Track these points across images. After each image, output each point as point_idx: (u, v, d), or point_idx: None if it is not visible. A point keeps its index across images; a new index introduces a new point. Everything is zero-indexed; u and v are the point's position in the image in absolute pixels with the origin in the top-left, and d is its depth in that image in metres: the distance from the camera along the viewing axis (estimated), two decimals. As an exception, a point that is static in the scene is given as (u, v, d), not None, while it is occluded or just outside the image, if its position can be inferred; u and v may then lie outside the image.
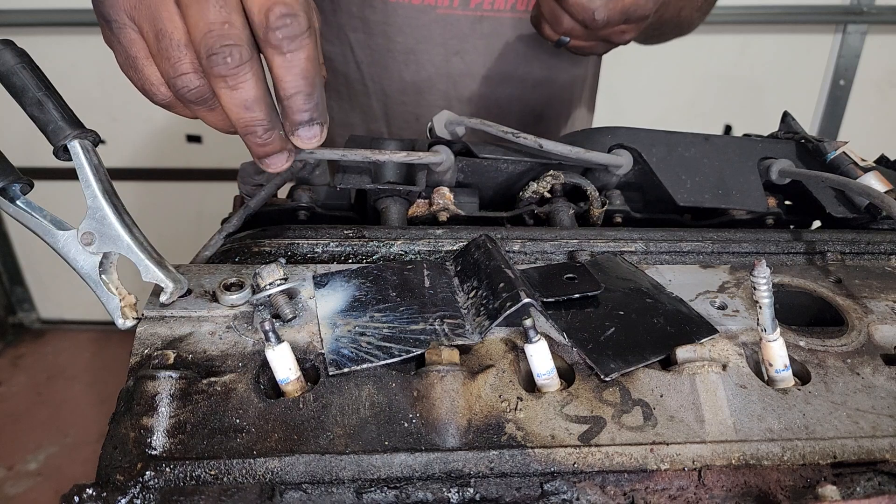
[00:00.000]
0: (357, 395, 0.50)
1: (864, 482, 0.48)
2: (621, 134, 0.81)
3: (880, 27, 2.55)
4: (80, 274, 0.53)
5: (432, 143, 0.78)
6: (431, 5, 1.04)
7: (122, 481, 0.44)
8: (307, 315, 0.56)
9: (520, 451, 0.47)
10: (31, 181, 0.53)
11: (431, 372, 0.50)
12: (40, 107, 0.49)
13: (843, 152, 0.79)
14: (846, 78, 2.62)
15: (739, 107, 2.68)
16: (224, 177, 2.71)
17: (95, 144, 0.52)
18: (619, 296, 0.60)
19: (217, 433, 0.47)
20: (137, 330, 0.54)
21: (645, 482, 0.47)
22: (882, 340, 0.58)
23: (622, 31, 0.86)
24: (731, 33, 2.57)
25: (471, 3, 1.05)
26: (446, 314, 0.56)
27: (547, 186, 0.78)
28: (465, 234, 0.68)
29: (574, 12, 0.81)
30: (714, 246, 0.70)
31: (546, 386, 0.52)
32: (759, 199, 0.79)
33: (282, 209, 0.78)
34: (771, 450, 0.49)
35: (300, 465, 0.46)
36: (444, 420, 0.48)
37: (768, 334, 0.52)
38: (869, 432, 0.50)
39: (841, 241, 0.72)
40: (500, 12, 1.07)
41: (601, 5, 0.80)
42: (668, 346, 0.55)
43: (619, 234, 0.70)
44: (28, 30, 2.48)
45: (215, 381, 0.50)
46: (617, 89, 2.50)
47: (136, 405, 0.48)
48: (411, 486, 0.46)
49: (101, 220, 0.51)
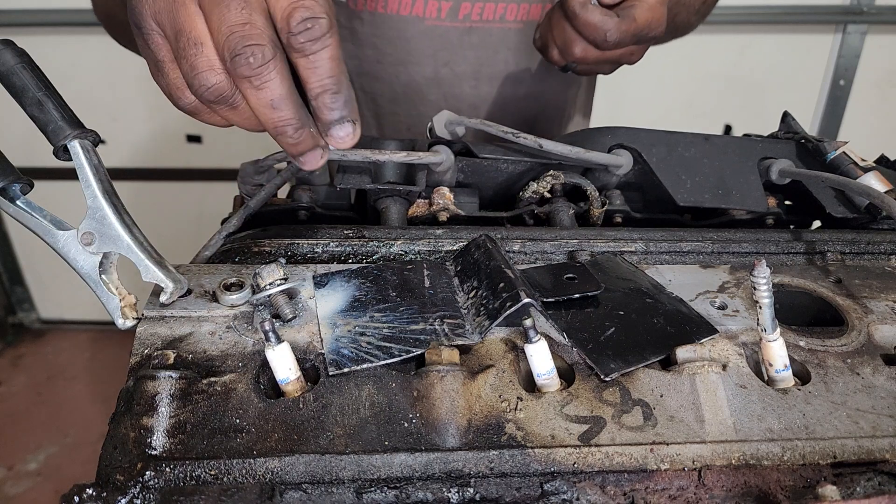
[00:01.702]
0: (357, 395, 0.50)
1: (864, 482, 0.48)
2: (621, 134, 0.81)
3: (880, 27, 2.55)
4: (80, 274, 0.53)
5: (432, 143, 0.78)
6: (420, 17, 1.04)
7: (122, 481, 0.44)
8: (307, 315, 0.56)
9: (520, 451, 0.47)
10: (31, 181, 0.53)
11: (431, 372, 0.50)
12: (40, 107, 0.49)
13: (843, 152, 0.79)
14: (846, 78, 2.62)
15: (739, 107, 2.68)
16: (224, 177, 2.71)
17: (95, 144, 0.52)
18: (619, 296, 0.60)
19: (217, 433, 0.47)
20: (137, 330, 0.54)
21: (645, 482, 0.47)
22: (882, 340, 0.58)
23: (631, 53, 0.85)
24: (732, 33, 2.57)
25: (459, 14, 1.04)
26: (446, 314, 0.56)
27: (547, 186, 0.78)
28: (465, 234, 0.68)
29: (586, 33, 0.79)
30: (714, 246, 0.70)
31: (546, 386, 0.52)
32: (759, 199, 0.79)
33: (282, 209, 0.78)
34: (771, 450, 0.49)
35: (300, 465, 0.46)
36: (444, 420, 0.48)
37: (768, 334, 0.52)
38: (869, 432, 0.50)
39: (841, 241, 0.72)
40: (490, 23, 1.06)
41: (614, 27, 0.78)
42: (668, 346, 0.55)
43: (619, 234, 0.70)
44: (28, 30, 2.48)
45: (215, 381, 0.50)
46: (617, 89, 2.50)
47: (136, 405, 0.48)
48: (411, 486, 0.46)
49: (101, 220, 0.51)
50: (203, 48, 0.48)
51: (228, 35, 0.46)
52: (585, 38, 0.81)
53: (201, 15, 0.47)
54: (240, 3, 0.46)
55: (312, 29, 0.46)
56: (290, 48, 0.47)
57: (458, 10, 1.04)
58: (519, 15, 1.06)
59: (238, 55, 0.46)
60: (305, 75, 0.48)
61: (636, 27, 0.78)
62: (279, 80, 0.47)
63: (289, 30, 0.46)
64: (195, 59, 0.48)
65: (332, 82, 0.48)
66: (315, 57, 0.47)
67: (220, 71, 0.48)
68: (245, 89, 0.48)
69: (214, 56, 0.48)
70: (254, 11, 0.46)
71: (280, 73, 0.47)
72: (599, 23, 0.78)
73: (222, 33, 0.46)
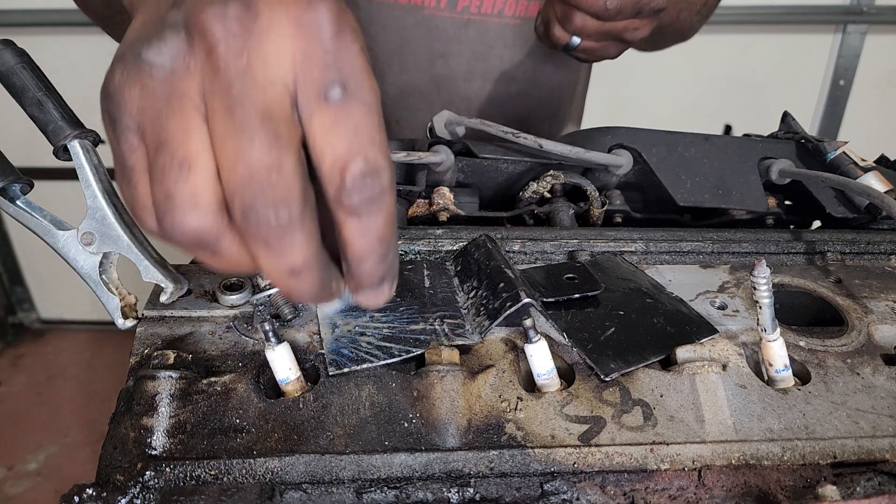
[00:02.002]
0: (357, 395, 0.50)
1: (864, 482, 0.48)
2: (621, 134, 0.80)
3: (880, 27, 2.55)
4: (80, 274, 0.53)
5: (432, 142, 0.78)
6: (418, 6, 1.03)
7: (122, 481, 0.44)
8: (307, 315, 0.56)
9: (520, 451, 0.47)
10: (31, 181, 0.53)
11: (431, 372, 0.50)
12: (40, 107, 0.49)
13: (843, 152, 0.79)
14: (846, 78, 2.62)
15: (740, 107, 2.68)
16: (224, 177, 2.71)
17: (95, 144, 0.52)
18: (619, 296, 0.60)
19: (217, 433, 0.47)
20: (137, 330, 0.54)
21: (645, 482, 0.47)
22: (882, 340, 0.58)
23: (634, 27, 0.84)
24: (732, 33, 2.57)
25: (458, 6, 1.04)
26: (446, 314, 0.56)
27: (547, 186, 0.78)
28: (465, 234, 0.68)
29: (586, 4, 0.79)
30: (714, 246, 0.70)
31: (546, 386, 0.52)
32: (759, 199, 0.79)
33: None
34: (771, 450, 0.49)
35: (300, 465, 0.46)
36: (444, 420, 0.48)
37: (768, 334, 0.52)
38: (869, 432, 0.50)
39: (841, 241, 0.72)
40: (487, 17, 1.06)
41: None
42: (668, 346, 0.55)
43: (619, 234, 0.70)
44: (28, 30, 2.48)
45: (215, 381, 0.50)
46: (617, 89, 2.51)
47: (136, 405, 0.48)
48: (411, 486, 0.46)
49: (101, 220, 0.51)
50: (190, 174, 0.34)
51: (245, 181, 0.33)
52: (585, 10, 0.80)
53: (204, 130, 0.34)
54: (269, 135, 0.33)
55: (372, 187, 0.34)
56: (339, 205, 0.35)
57: (456, 2, 1.03)
58: (517, 10, 1.05)
59: (253, 211, 0.33)
60: (350, 237, 0.36)
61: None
62: (305, 243, 0.35)
63: (341, 185, 0.34)
64: (174, 186, 0.34)
65: (381, 246, 0.37)
66: (368, 220, 0.35)
67: (208, 212, 0.34)
68: (254, 248, 0.35)
69: (205, 188, 0.34)
70: (285, 150, 0.33)
71: (308, 233, 0.35)
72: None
73: (235, 173, 0.33)
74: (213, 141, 0.34)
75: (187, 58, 0.34)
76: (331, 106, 0.34)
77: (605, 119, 0.88)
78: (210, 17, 0.33)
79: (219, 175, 0.34)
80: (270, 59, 0.34)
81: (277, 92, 0.34)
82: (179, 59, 0.34)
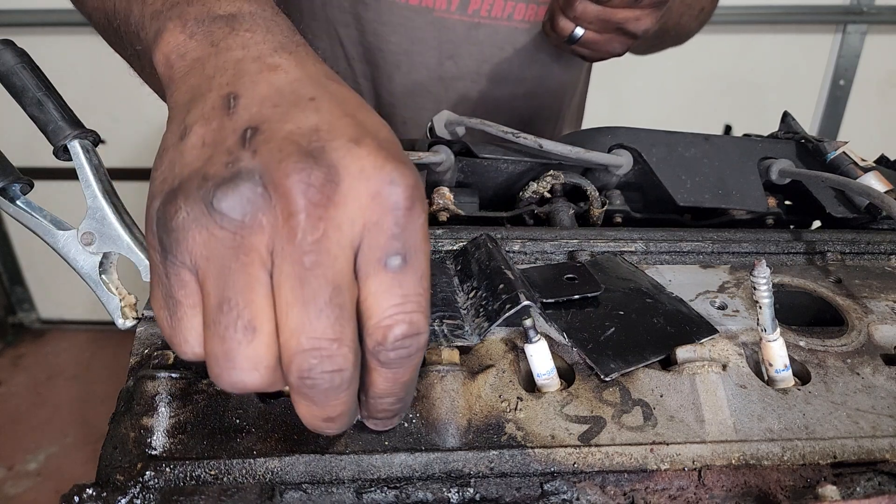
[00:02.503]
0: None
1: (864, 482, 0.48)
2: (621, 134, 0.80)
3: (880, 27, 2.55)
4: (80, 274, 0.53)
5: (432, 142, 0.78)
6: (428, 7, 1.04)
7: (122, 481, 0.44)
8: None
9: (520, 451, 0.47)
10: (31, 181, 0.53)
11: (431, 372, 0.50)
12: (40, 107, 0.49)
13: (843, 152, 0.79)
14: (846, 78, 2.62)
15: (739, 107, 2.68)
16: (224, 177, 2.71)
17: (95, 144, 0.52)
18: (619, 296, 0.60)
19: (217, 433, 0.47)
20: (137, 330, 0.54)
21: (645, 482, 0.47)
22: (882, 340, 0.58)
23: (636, 18, 0.84)
24: (732, 33, 2.57)
25: (468, 9, 1.04)
26: (446, 315, 0.56)
27: (547, 186, 0.78)
28: (465, 234, 0.68)
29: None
30: (714, 246, 0.70)
31: (546, 386, 0.52)
32: (759, 199, 0.79)
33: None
34: (771, 450, 0.49)
35: (300, 465, 0.46)
36: (444, 420, 0.48)
37: (768, 334, 0.52)
38: (869, 432, 0.50)
39: (841, 241, 0.72)
40: (497, 20, 1.06)
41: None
42: (668, 346, 0.55)
43: (619, 234, 0.70)
44: (28, 30, 2.48)
45: (215, 381, 0.50)
46: (617, 89, 2.51)
47: (136, 405, 0.48)
48: (411, 486, 0.46)
49: (101, 220, 0.51)
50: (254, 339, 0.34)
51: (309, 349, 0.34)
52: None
53: (268, 288, 0.34)
54: (336, 308, 0.34)
55: (409, 347, 0.36)
56: (373, 355, 0.37)
57: (467, 4, 1.04)
58: (527, 15, 1.06)
59: (310, 379, 0.34)
60: (375, 379, 0.38)
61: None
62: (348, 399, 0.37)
63: (382, 342, 0.36)
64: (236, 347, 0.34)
65: (401, 389, 0.39)
66: (397, 371, 0.38)
67: (266, 373, 0.35)
68: (298, 399, 0.37)
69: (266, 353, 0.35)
70: (346, 322, 0.34)
71: (353, 392, 0.37)
72: None
73: (296, 340, 0.34)
74: (278, 303, 0.34)
75: (261, 215, 0.34)
76: (388, 273, 0.35)
77: (605, 119, 0.88)
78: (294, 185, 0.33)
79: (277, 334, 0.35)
80: (345, 227, 0.34)
81: (346, 259, 0.34)
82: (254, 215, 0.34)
